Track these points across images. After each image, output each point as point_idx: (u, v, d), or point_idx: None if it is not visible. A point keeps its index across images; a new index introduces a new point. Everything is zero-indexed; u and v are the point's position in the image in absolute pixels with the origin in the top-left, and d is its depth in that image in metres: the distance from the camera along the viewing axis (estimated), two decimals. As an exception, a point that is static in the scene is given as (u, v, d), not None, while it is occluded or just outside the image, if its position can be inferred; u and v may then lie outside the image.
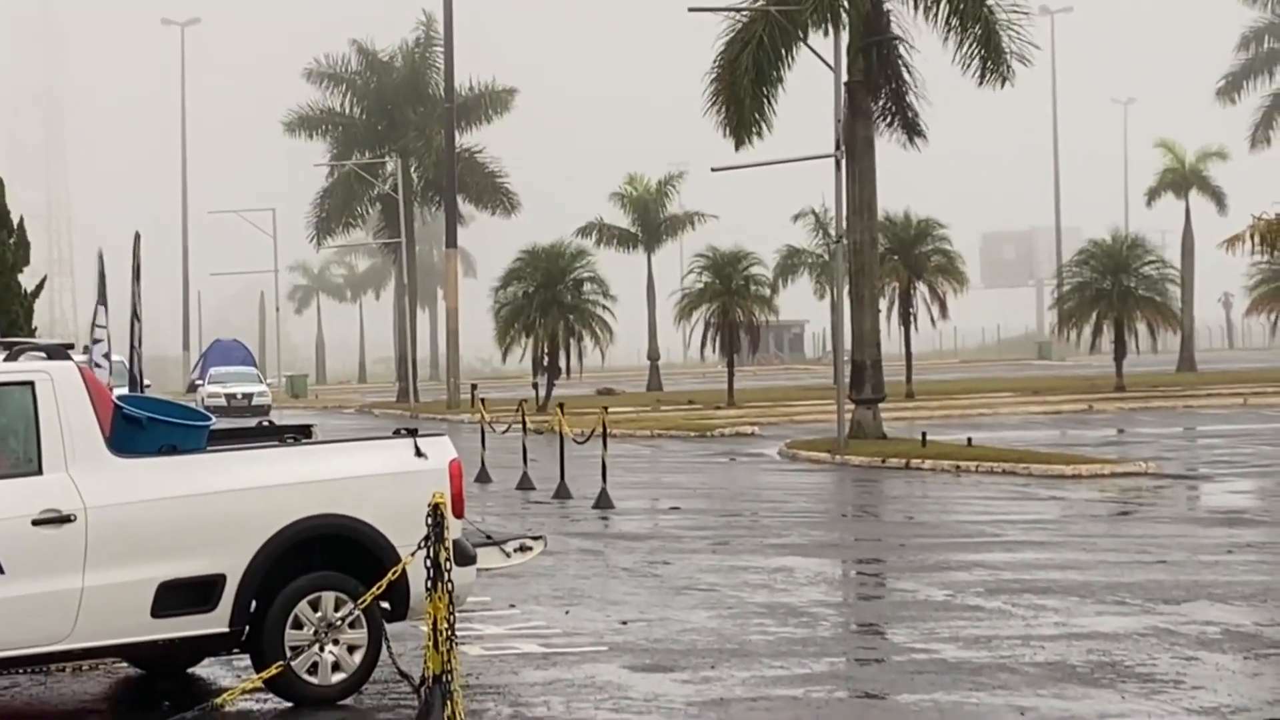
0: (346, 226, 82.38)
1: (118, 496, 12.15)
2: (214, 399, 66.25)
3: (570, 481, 29.89)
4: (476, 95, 78.95)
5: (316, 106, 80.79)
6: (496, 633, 15.74)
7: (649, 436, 47.43)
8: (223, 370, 73.14)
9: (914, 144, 43.63)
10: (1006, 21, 40.95)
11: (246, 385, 70.08)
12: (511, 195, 79.21)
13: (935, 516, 26.89)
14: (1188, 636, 15.15)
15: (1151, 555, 20.87)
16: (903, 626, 16.00)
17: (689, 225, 79.25)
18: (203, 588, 12.33)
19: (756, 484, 33.56)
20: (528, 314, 61.35)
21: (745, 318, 62.24)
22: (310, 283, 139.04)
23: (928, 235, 62.21)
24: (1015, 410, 55.60)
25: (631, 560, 21.07)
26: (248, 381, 71.27)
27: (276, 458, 13.05)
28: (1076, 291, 63.22)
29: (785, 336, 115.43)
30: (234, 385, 69.57)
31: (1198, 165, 78.07)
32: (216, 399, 66.41)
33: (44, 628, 11.95)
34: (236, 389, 68.88)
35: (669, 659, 14.45)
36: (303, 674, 12.53)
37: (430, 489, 12.21)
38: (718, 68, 42.18)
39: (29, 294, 35.37)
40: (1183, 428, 47.02)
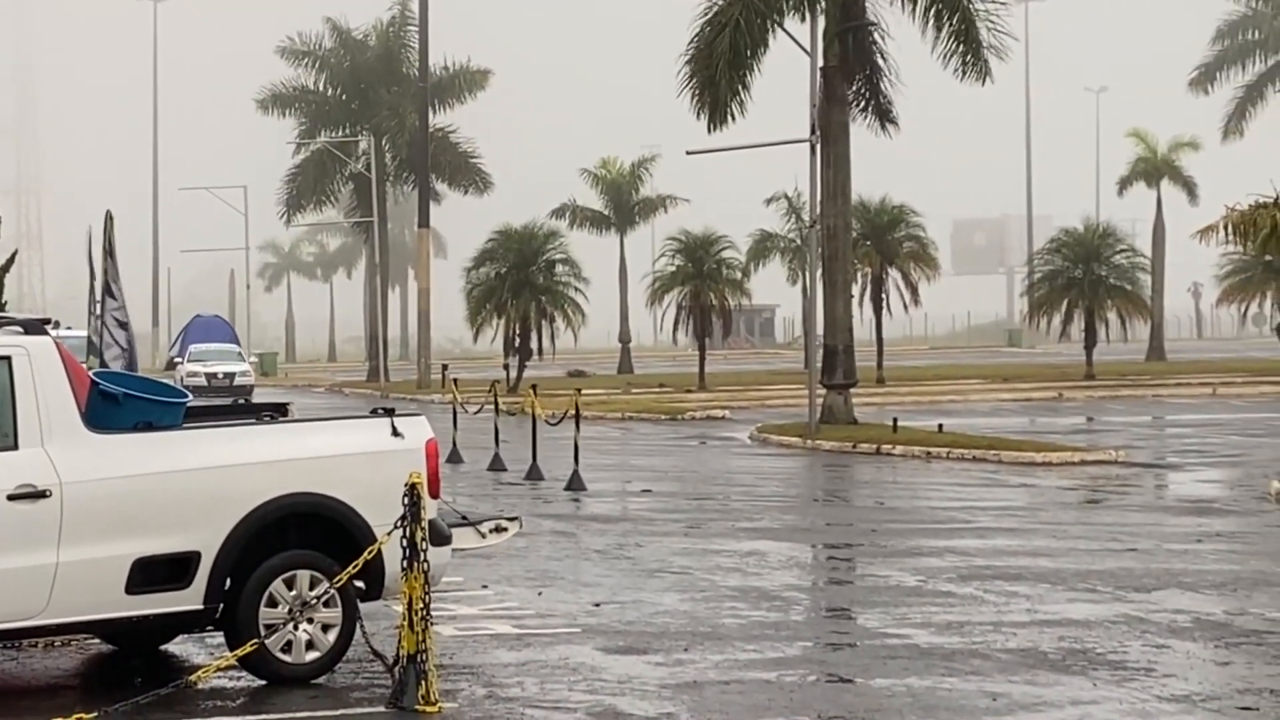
0: (318, 204, 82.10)
1: (93, 472, 12.12)
2: (194, 378, 62.61)
3: (542, 463, 29.90)
4: (451, 75, 78.78)
5: (290, 84, 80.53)
6: (470, 613, 15.74)
7: (620, 419, 47.45)
8: (203, 348, 69.01)
9: (886, 131, 43.71)
10: (985, 12, 41.02)
11: (228, 364, 66.13)
12: (485, 175, 79.06)
13: (906, 502, 26.96)
14: (1158, 625, 15.22)
15: (1121, 543, 20.96)
16: (875, 611, 16.05)
17: (662, 208, 79.22)
18: (177, 564, 12.31)
19: (728, 468, 33.60)
20: (500, 295, 61.26)
21: (717, 301, 62.27)
22: (281, 261, 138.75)
23: (901, 221, 62.30)
24: (985, 397, 55.73)
25: (604, 542, 21.09)
26: (229, 360, 67.15)
27: (253, 435, 13.03)
28: (1047, 279, 63.36)
29: (756, 321, 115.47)
30: (215, 364, 65.79)
31: (1169, 155, 78.29)
32: (196, 378, 62.77)
33: (18, 602, 11.93)
34: (217, 368, 65.24)
35: (642, 641, 14.47)
36: (276, 652, 12.53)
37: (407, 469, 12.23)
38: (693, 49, 42.15)
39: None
40: (1152, 417, 47.18)
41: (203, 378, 63.11)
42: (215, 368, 65.07)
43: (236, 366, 65.81)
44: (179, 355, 70.76)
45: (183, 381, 59.77)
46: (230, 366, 65.55)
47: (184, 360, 66.92)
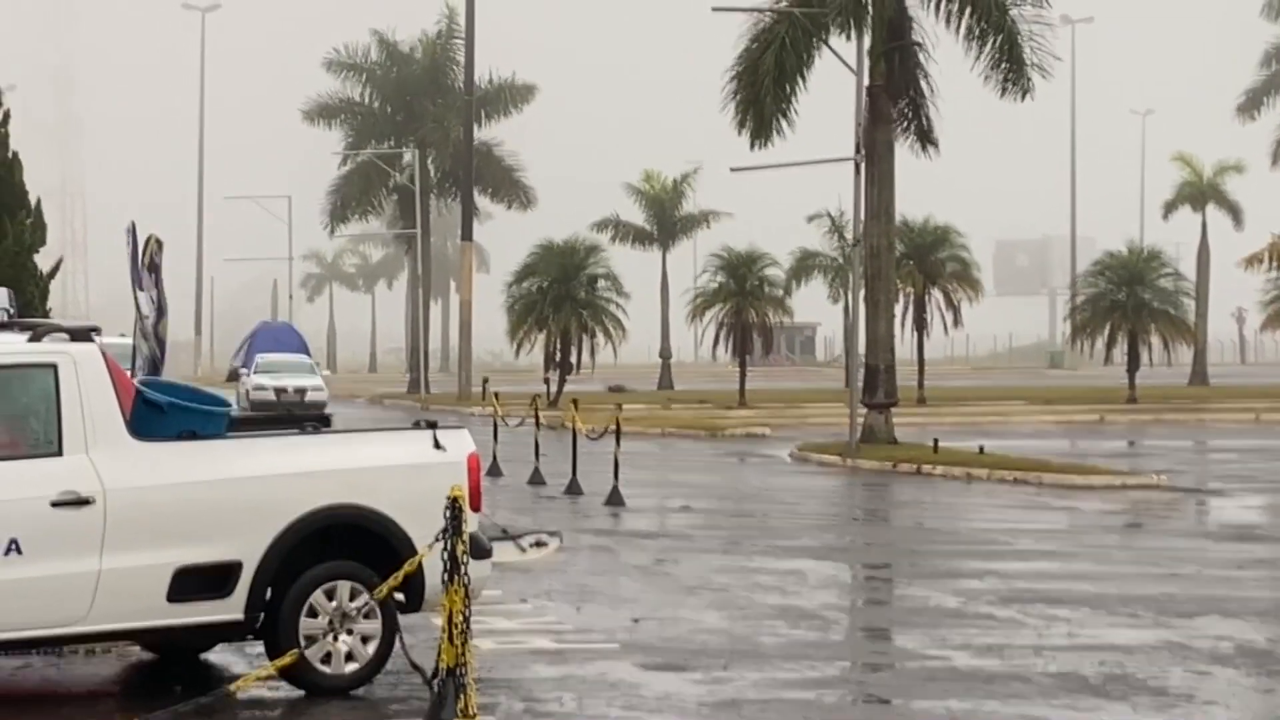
0: (361, 216, 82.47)
1: (137, 480, 12.15)
2: (260, 392, 56.37)
3: (582, 478, 29.88)
4: (496, 88, 79.00)
5: (335, 95, 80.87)
6: (508, 627, 15.73)
7: (660, 435, 47.42)
8: (271, 358, 60.99)
9: (926, 152, 43.58)
10: (1029, 33, 40.95)
11: (299, 377, 58.22)
12: (528, 189, 79.29)
13: (946, 523, 26.87)
14: (1200, 651, 15.12)
15: (1163, 568, 20.84)
16: (914, 632, 15.98)
17: (704, 223, 79.24)
18: (219, 574, 12.33)
19: (767, 485, 33.54)
20: (541, 309, 61.34)
21: (758, 319, 62.21)
22: (323, 271, 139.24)
23: (944, 242, 62.16)
24: (1027, 419, 55.55)
25: (643, 558, 21.06)
26: (300, 373, 59.20)
27: (296, 446, 13.05)
28: (1091, 302, 63.14)
29: (797, 339, 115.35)
30: (285, 377, 57.91)
31: (1215, 179, 77.94)
32: (263, 392, 56.31)
33: (60, 609, 11.95)
34: (287, 381, 57.29)
35: (681, 658, 14.44)
36: (316, 663, 12.54)
37: (448, 481, 12.20)
38: (738, 67, 42.17)
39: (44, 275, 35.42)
40: (1194, 441, 46.96)
41: (270, 392, 56.42)
42: (285, 381, 57.52)
43: (308, 380, 58.21)
44: (244, 366, 63.58)
45: (248, 395, 56.07)
46: (302, 380, 57.92)
47: (249, 371, 59.81)
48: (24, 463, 12.03)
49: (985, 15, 40.62)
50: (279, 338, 69.19)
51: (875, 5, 40.33)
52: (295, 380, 57.44)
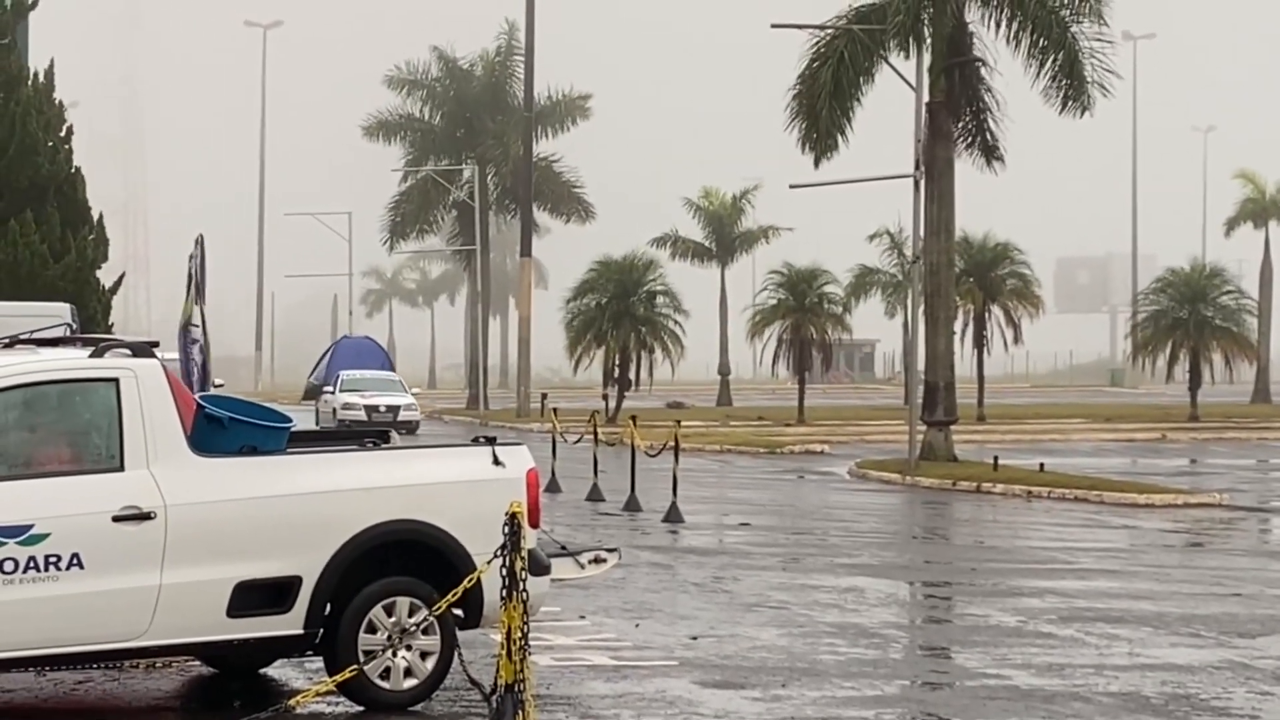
0: (421, 232, 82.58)
1: (197, 495, 12.19)
2: (350, 410, 53.80)
3: (640, 494, 29.87)
4: (554, 104, 79.10)
5: (396, 112, 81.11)
6: (566, 643, 15.72)
7: (718, 451, 47.37)
8: (358, 375, 58.44)
9: (991, 167, 43.46)
10: (1089, 49, 40.80)
11: (390, 395, 55.79)
12: (587, 205, 79.33)
13: (1006, 541, 26.75)
14: (1263, 671, 15.01)
15: (1225, 587, 20.71)
16: (974, 651, 15.91)
17: (763, 239, 79.12)
18: (279, 589, 12.36)
19: (826, 502, 33.47)
20: (600, 325, 61.35)
21: (817, 335, 62.11)
22: (383, 287, 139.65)
23: (1005, 258, 61.98)
24: (1087, 437, 55.29)
25: (701, 575, 21.03)
26: (391, 390, 56.78)
27: (355, 461, 13.08)
28: (1152, 320, 62.84)
29: (856, 355, 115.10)
30: (375, 395, 55.42)
31: (1278, 195, 77.51)
32: (354, 410, 53.68)
33: (121, 624, 12.00)
34: (379, 400, 54.81)
35: (739, 676, 14.40)
36: (375, 678, 12.54)
37: (507, 498, 12.21)
38: (798, 84, 42.19)
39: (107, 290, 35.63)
40: (1256, 460, 46.66)
41: (361, 410, 53.73)
42: (376, 399, 54.95)
43: (400, 399, 55.74)
44: (326, 383, 60.71)
45: (335, 414, 53.81)
46: (394, 398, 55.53)
47: (334, 389, 57.03)
48: (86, 478, 12.10)
49: (1046, 32, 40.51)
50: (361, 353, 66.57)
51: (934, 22, 40.26)
52: (387, 398, 55.24)
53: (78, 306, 29.83)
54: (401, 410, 53.84)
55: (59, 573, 11.83)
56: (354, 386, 56.47)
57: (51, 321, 22.17)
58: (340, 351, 67.54)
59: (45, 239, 33.71)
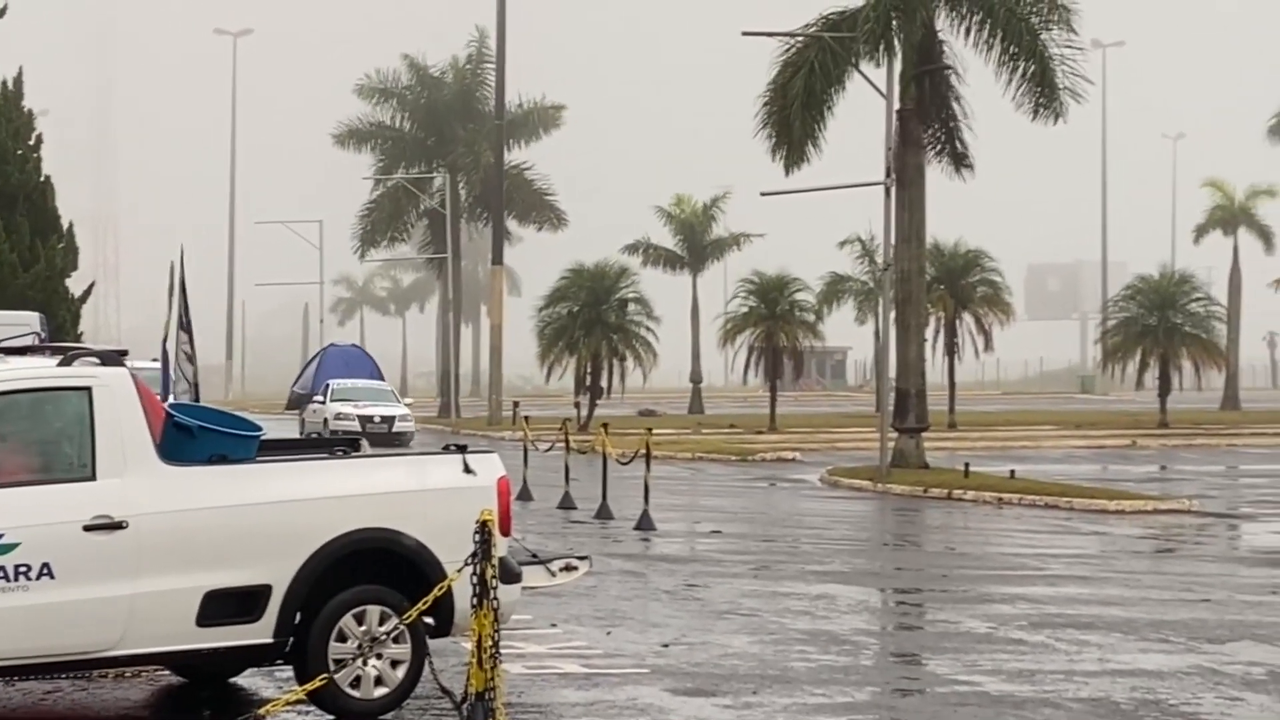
0: (392, 240, 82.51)
1: (167, 504, 12.15)
2: (344, 420, 51.58)
3: (612, 502, 29.88)
4: (525, 112, 79.12)
5: (366, 119, 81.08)
6: (538, 651, 15.72)
7: (690, 459, 47.39)
8: (349, 385, 56.50)
9: (960, 175, 43.56)
10: (1060, 57, 40.90)
11: (384, 405, 53.70)
12: (559, 212, 79.35)
13: (977, 548, 26.81)
14: (1232, 676, 15.06)
15: (1195, 593, 20.77)
16: (945, 657, 15.94)
17: (735, 246, 79.19)
18: (249, 598, 12.32)
19: (797, 510, 33.49)
20: (571, 333, 61.36)
21: (789, 343, 62.22)
22: (354, 295, 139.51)
23: (975, 266, 62.15)
24: (1058, 444, 55.41)
25: (673, 583, 21.04)
26: (384, 401, 54.71)
27: (325, 470, 13.05)
28: (1122, 326, 63.06)
29: (828, 363, 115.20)
30: (369, 405, 53.29)
31: (1247, 203, 77.82)
32: (347, 421, 51.44)
33: (91, 633, 11.96)
34: (372, 410, 52.69)
35: (711, 683, 14.41)
36: (345, 687, 12.51)
37: (478, 506, 12.19)
38: (769, 91, 42.27)
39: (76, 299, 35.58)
40: (1226, 466, 46.79)
41: (355, 420, 51.45)
42: (370, 410, 52.81)
43: (395, 409, 53.62)
44: (315, 392, 58.56)
45: (327, 424, 51.87)
46: (388, 409, 53.38)
47: (325, 399, 54.81)
48: (57, 487, 12.05)
49: (1016, 40, 40.61)
50: (349, 361, 64.73)
51: (905, 30, 40.32)
52: (381, 409, 53.27)
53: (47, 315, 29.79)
54: (397, 421, 52.33)
55: (29, 583, 11.79)
56: (346, 396, 54.78)
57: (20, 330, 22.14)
58: (328, 360, 65.65)
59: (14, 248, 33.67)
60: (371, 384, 57.95)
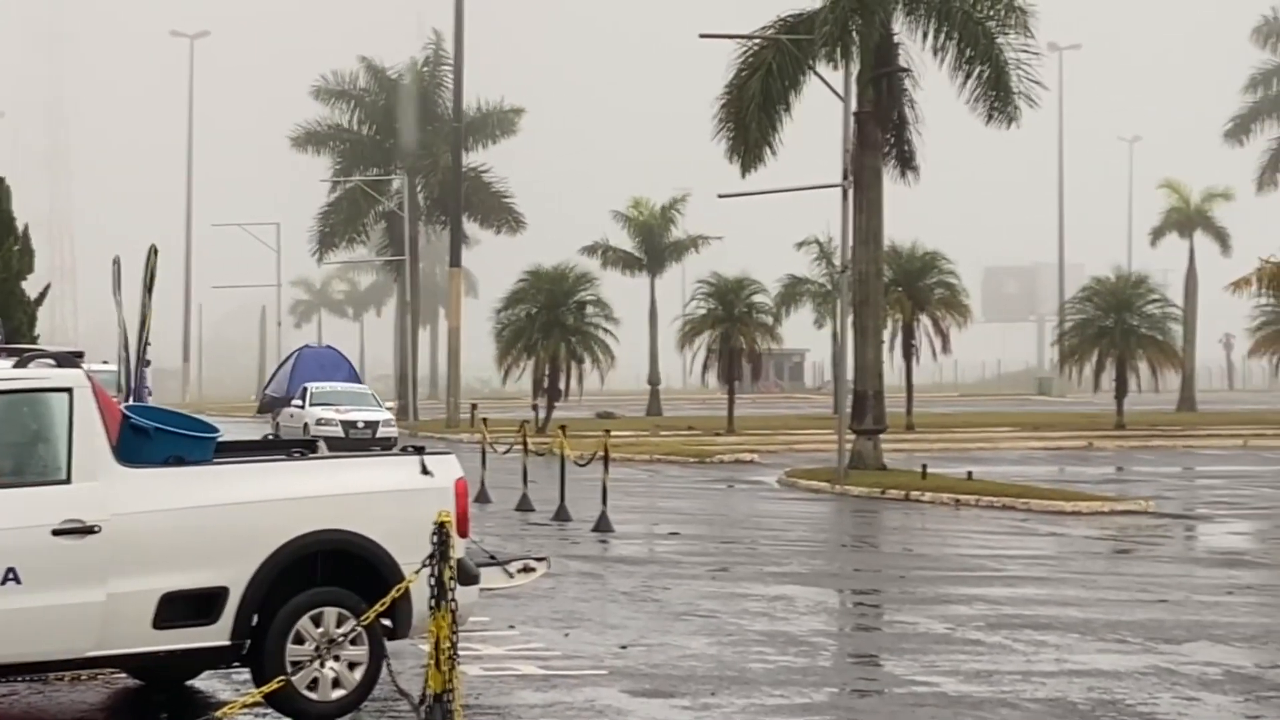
0: (350, 242, 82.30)
1: (122, 506, 12.08)
2: (326, 425, 49.09)
3: (570, 504, 29.86)
4: (484, 115, 79.02)
5: (324, 122, 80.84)
6: (496, 653, 15.70)
7: (648, 461, 47.38)
8: (328, 388, 54.17)
9: (905, 179, 43.55)
10: (1016, 61, 41.01)
11: (367, 410, 51.33)
12: (517, 215, 79.21)
13: (935, 549, 26.86)
14: (1189, 677, 15.12)
15: (1151, 594, 20.85)
16: (903, 658, 15.97)
17: (693, 248, 79.19)
18: (205, 600, 12.27)
19: (755, 511, 33.52)
20: (529, 335, 61.33)
21: (747, 345, 62.30)
22: (312, 298, 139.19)
23: (933, 268, 62.28)
24: (1015, 445, 55.56)
25: (631, 584, 21.03)
26: (365, 405, 52.23)
27: (282, 471, 13.00)
28: (1079, 328, 63.26)
29: (786, 365, 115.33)
30: (351, 409, 51.02)
31: (1203, 206, 78.16)
32: (329, 426, 49.09)
33: (52, 638, 11.86)
34: (355, 414, 50.48)
35: (669, 684, 14.41)
36: (303, 689, 12.47)
37: (436, 507, 12.17)
38: (726, 93, 42.31)
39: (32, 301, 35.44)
40: (1182, 467, 46.98)
41: (338, 426, 49.39)
42: (353, 414, 50.62)
43: (378, 414, 51.34)
44: (292, 395, 56.36)
45: (307, 429, 49.00)
46: (371, 413, 51.06)
47: (304, 403, 52.61)
48: (14, 491, 11.96)
49: (973, 43, 40.71)
50: (325, 364, 62.33)
51: (862, 32, 40.38)
52: (365, 413, 50.89)
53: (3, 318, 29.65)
54: (380, 426, 50.16)
55: None
56: (326, 400, 52.46)
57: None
58: (303, 362, 63.22)
59: (-31, 251, 33.50)
60: (351, 387, 55.88)
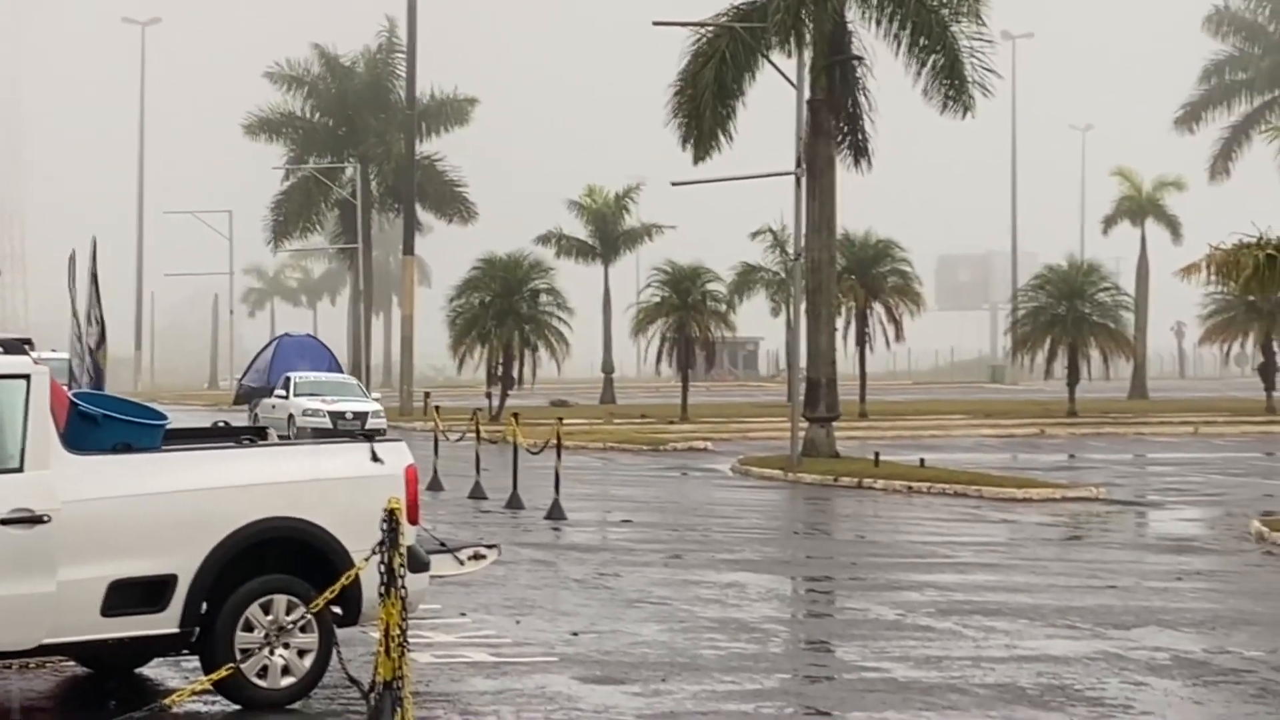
0: (303, 231, 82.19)
1: (71, 495, 12.02)
2: (312, 417, 47.98)
3: (523, 492, 29.84)
4: (438, 103, 78.91)
5: (277, 110, 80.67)
6: (447, 641, 15.69)
7: (601, 449, 47.37)
8: (312, 378, 52.42)
9: (859, 166, 43.56)
10: (969, 49, 41.09)
11: (355, 401, 49.97)
12: (470, 204, 79.18)
13: (887, 536, 26.92)
14: (1137, 662, 15.19)
15: (1101, 580, 20.93)
16: (853, 644, 16.01)
17: (646, 237, 79.18)
18: (154, 588, 12.23)
19: (709, 499, 33.54)
20: (483, 323, 61.28)
21: (701, 333, 62.35)
22: (265, 286, 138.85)
23: (886, 256, 62.38)
24: (967, 433, 55.71)
25: (583, 572, 21.03)
26: (352, 395, 51.05)
27: (232, 459, 12.97)
28: (1031, 316, 63.47)
29: (740, 353, 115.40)
30: (338, 400, 49.63)
31: (1154, 194, 78.46)
32: (316, 417, 47.93)
33: (5, 628, 11.81)
34: (344, 406, 48.98)
35: (620, 671, 14.42)
36: (252, 677, 12.45)
37: (386, 494, 12.14)
38: (680, 81, 42.30)
39: (-17, 289, 35.18)
40: (1133, 454, 47.18)
41: (325, 417, 48.01)
42: (340, 405, 49.05)
43: (366, 405, 49.90)
44: (273, 385, 54.39)
45: (292, 421, 48.19)
46: (359, 404, 49.69)
47: (287, 393, 51.01)
48: None
49: (926, 31, 40.78)
50: (305, 353, 59.87)
51: (815, 20, 40.41)
52: (352, 404, 49.50)
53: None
54: (370, 418, 47.99)
55: None
56: (311, 391, 50.82)
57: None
58: (282, 352, 60.44)
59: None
60: (335, 377, 54.30)
